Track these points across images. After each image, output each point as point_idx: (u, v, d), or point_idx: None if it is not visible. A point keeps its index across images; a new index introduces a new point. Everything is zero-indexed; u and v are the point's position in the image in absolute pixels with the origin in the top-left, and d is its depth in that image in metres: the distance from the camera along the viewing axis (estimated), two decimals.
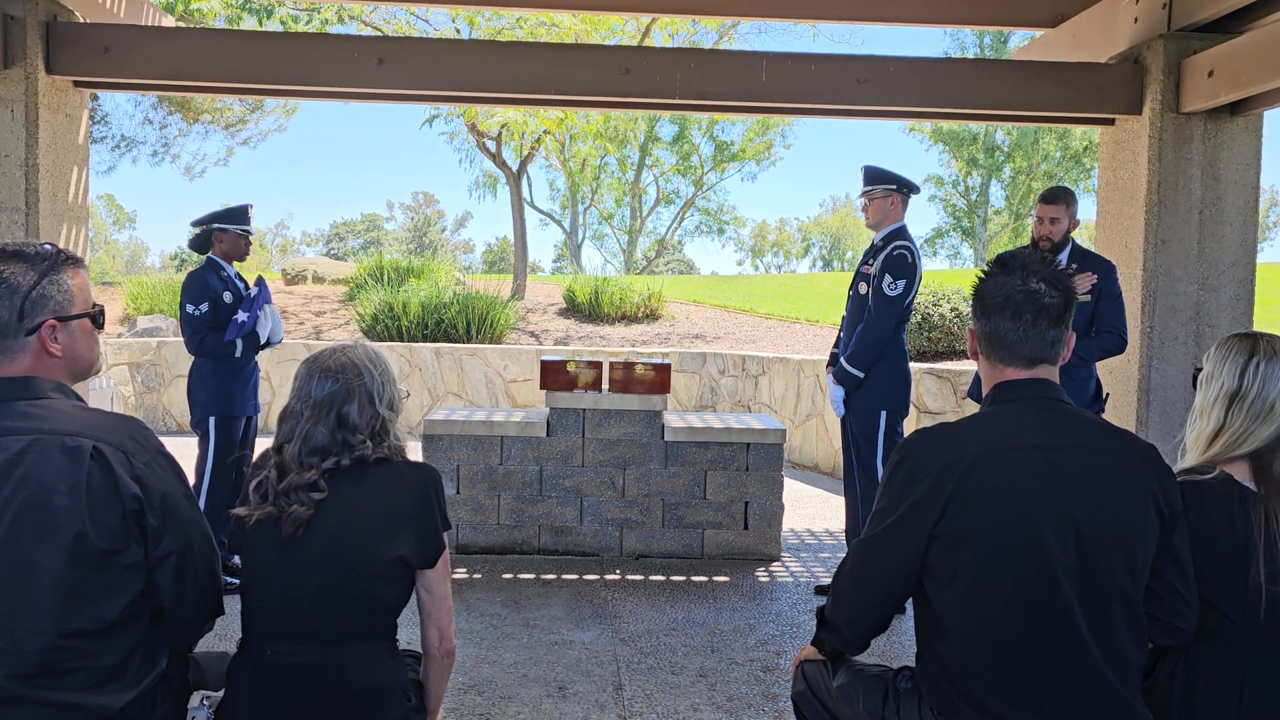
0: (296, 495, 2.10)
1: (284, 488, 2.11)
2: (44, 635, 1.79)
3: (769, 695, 3.74)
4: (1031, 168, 35.02)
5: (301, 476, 2.11)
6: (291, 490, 2.11)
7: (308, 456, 2.13)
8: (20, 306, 1.90)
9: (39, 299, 1.92)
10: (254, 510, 2.13)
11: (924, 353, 9.90)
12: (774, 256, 62.21)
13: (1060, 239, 4.63)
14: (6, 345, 1.90)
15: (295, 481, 2.11)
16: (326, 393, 2.16)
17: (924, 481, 1.90)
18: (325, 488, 2.11)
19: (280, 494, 2.11)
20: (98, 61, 4.87)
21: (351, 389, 2.17)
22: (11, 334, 1.90)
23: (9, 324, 1.89)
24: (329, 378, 2.17)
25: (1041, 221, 4.66)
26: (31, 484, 1.81)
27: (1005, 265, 2.02)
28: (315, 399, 2.16)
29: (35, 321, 1.92)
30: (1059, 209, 4.62)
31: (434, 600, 2.23)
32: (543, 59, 5.18)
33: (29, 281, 1.91)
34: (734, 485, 5.67)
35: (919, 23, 5.66)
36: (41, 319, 1.92)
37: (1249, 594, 1.99)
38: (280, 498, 2.11)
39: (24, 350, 1.92)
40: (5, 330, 1.89)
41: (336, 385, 2.16)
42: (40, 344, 1.93)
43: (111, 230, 60.21)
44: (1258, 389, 2.06)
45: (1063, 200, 4.63)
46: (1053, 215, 4.63)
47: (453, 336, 12.43)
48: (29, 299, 1.90)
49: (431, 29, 14.71)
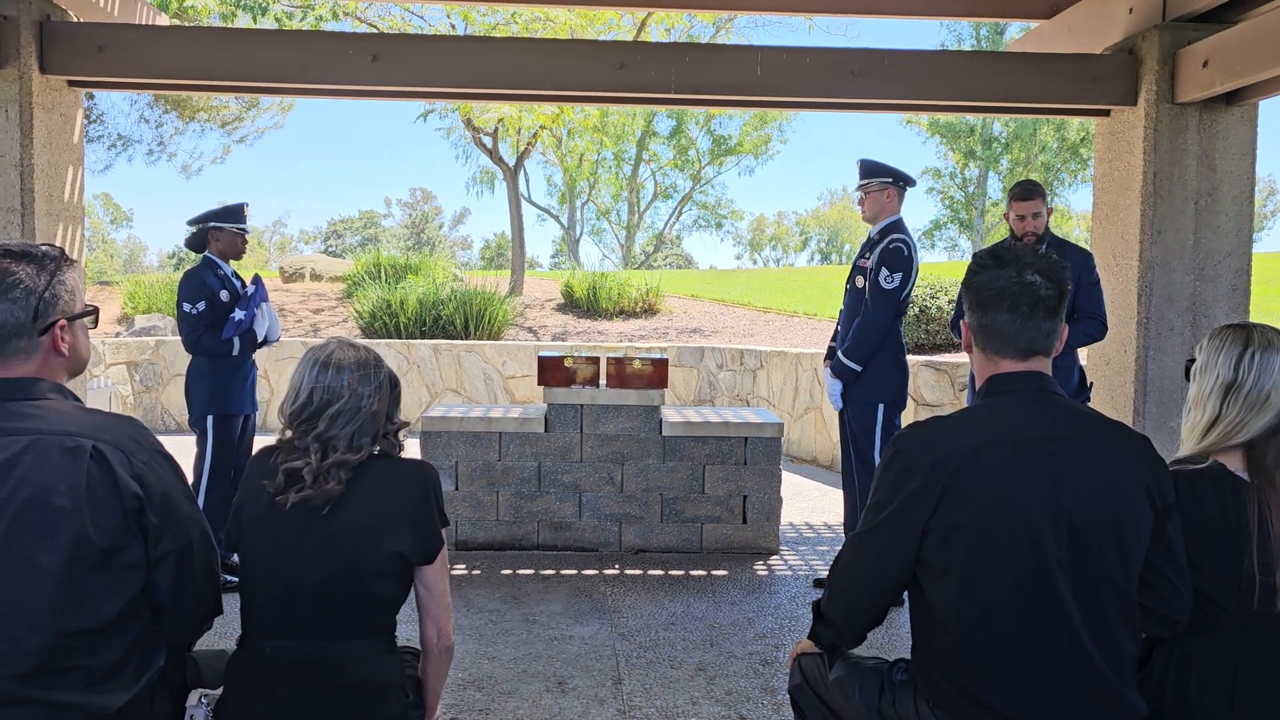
0: (334, 473, 2.11)
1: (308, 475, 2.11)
2: (43, 634, 1.80)
3: (768, 689, 3.75)
4: (1029, 159, 35.00)
5: (326, 462, 2.11)
6: (320, 473, 2.11)
7: (331, 449, 2.14)
8: (36, 307, 1.93)
9: (51, 300, 1.95)
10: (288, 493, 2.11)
11: (922, 345, 9.91)
12: (772, 250, 62.21)
13: (1043, 232, 4.66)
14: (20, 346, 1.93)
15: (320, 468, 2.11)
16: (341, 384, 2.16)
17: (918, 475, 1.91)
18: (345, 477, 2.11)
19: (319, 474, 2.11)
20: (92, 61, 4.86)
21: (360, 383, 2.18)
22: (26, 334, 1.93)
23: (24, 325, 1.92)
24: (343, 371, 2.18)
25: (1023, 219, 4.67)
26: (31, 484, 1.81)
27: (999, 258, 2.02)
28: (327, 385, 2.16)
29: (48, 322, 1.95)
30: (1037, 204, 4.66)
31: (432, 597, 2.24)
32: (538, 54, 5.17)
33: (42, 283, 1.94)
34: (732, 479, 5.67)
35: (914, 15, 5.66)
36: (53, 319, 1.96)
37: (1242, 584, 1.99)
38: (320, 478, 2.11)
39: (36, 350, 1.95)
40: (20, 331, 1.92)
41: (347, 377, 2.17)
42: (51, 344, 1.96)
43: (109, 229, 60.09)
44: (1253, 380, 2.06)
45: (1038, 194, 4.68)
46: (1034, 210, 4.66)
47: (450, 333, 12.43)
48: (43, 300, 1.94)
49: (426, 25, 14.69)
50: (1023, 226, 4.66)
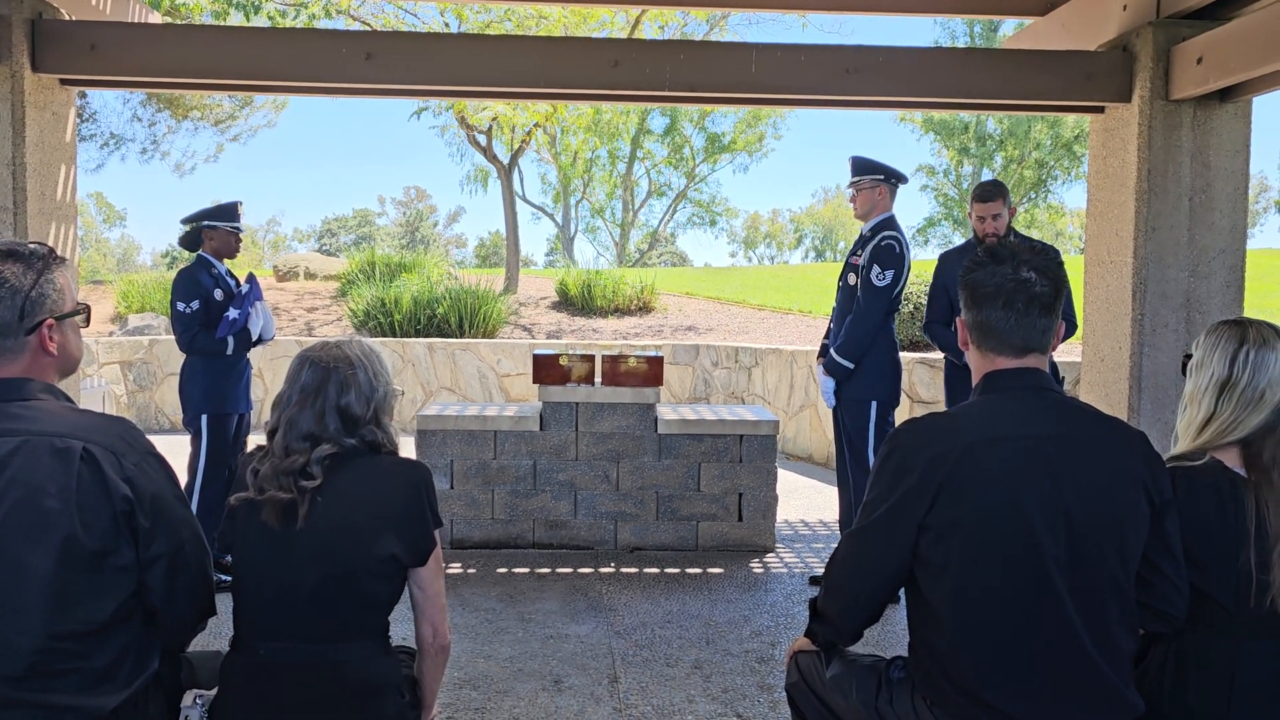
0: (281, 480, 2.09)
1: (268, 472, 2.11)
2: (34, 636, 1.79)
3: (764, 686, 3.75)
4: (1023, 156, 35.03)
5: (286, 462, 2.11)
6: (279, 474, 2.10)
7: (295, 442, 2.14)
8: (21, 306, 1.90)
9: (38, 298, 1.93)
10: (241, 498, 2.13)
11: (916, 342, 9.91)
12: (766, 248, 62.24)
13: (1005, 233, 4.73)
14: (6, 346, 1.91)
15: (281, 466, 2.11)
16: (315, 380, 2.17)
17: (914, 472, 1.90)
18: (318, 475, 2.10)
19: (265, 478, 2.11)
20: (84, 59, 4.83)
21: (344, 379, 2.18)
22: (12, 334, 1.91)
23: (10, 324, 1.90)
24: (319, 367, 2.19)
25: (983, 220, 4.79)
26: (21, 485, 1.80)
27: (995, 255, 2.02)
28: (303, 385, 2.18)
29: (35, 321, 1.93)
30: (998, 204, 4.78)
31: (427, 597, 2.23)
32: (531, 52, 5.15)
33: (29, 281, 1.92)
34: (728, 477, 5.67)
35: (908, 12, 5.65)
36: (41, 318, 1.93)
37: (1240, 580, 1.99)
38: (265, 481, 2.10)
39: (23, 350, 1.92)
40: (6, 330, 1.90)
41: (325, 373, 2.18)
42: (39, 343, 1.94)
43: (102, 228, 59.91)
44: (1248, 377, 2.06)
45: (999, 195, 4.79)
46: (994, 212, 4.78)
47: (445, 331, 12.42)
48: (29, 299, 1.91)
49: (420, 23, 14.66)
50: (983, 227, 4.78)
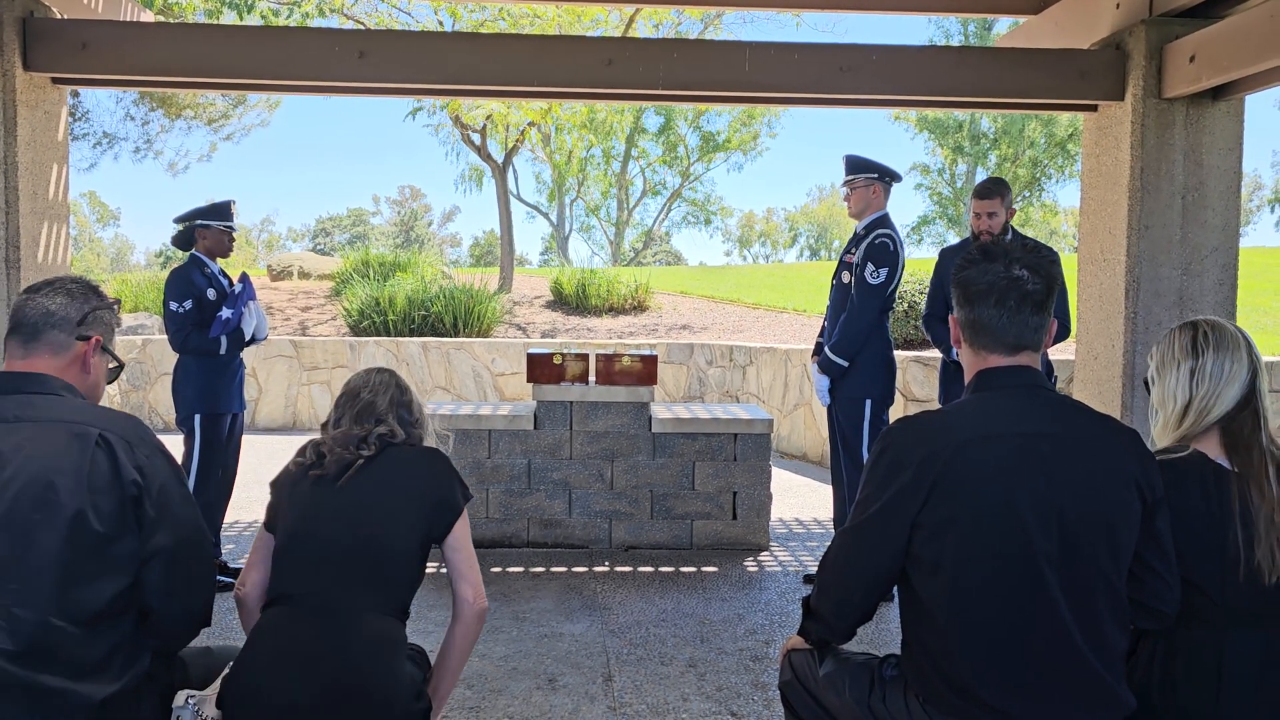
0: (346, 444, 2.41)
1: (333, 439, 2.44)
2: (37, 611, 1.84)
3: (758, 684, 3.75)
4: (1017, 155, 35.09)
5: (355, 429, 2.45)
6: (345, 440, 2.42)
7: (365, 419, 2.48)
8: (85, 313, 2.15)
9: (98, 318, 2.18)
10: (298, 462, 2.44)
11: (910, 340, 9.92)
12: (761, 246, 62.28)
13: (1001, 231, 4.73)
14: (59, 339, 2.10)
15: (349, 433, 2.44)
16: (384, 381, 2.57)
17: (907, 470, 1.90)
18: (374, 446, 2.41)
19: (329, 442, 2.43)
20: (75, 58, 4.81)
21: (403, 387, 2.59)
22: (68, 330, 2.12)
23: (69, 320, 2.12)
24: (385, 373, 2.61)
25: (979, 217, 4.79)
26: (37, 463, 1.91)
27: (988, 252, 2.02)
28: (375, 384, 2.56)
29: (88, 332, 2.15)
30: (995, 203, 4.77)
31: (462, 557, 2.43)
32: (526, 50, 5.15)
33: (94, 302, 2.18)
34: (722, 476, 5.67)
35: (902, 11, 5.65)
36: (93, 333, 2.16)
37: (1226, 569, 2.01)
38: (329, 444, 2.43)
39: (66, 350, 2.11)
40: (63, 323, 2.11)
41: (391, 377, 2.59)
42: (82, 354, 2.14)
43: (95, 228, 59.76)
44: (1213, 353, 2.12)
45: (998, 193, 4.77)
46: (990, 210, 4.77)
47: (440, 330, 12.40)
48: (93, 312, 2.17)
49: (413, 22, 14.63)
50: (980, 225, 4.78)
